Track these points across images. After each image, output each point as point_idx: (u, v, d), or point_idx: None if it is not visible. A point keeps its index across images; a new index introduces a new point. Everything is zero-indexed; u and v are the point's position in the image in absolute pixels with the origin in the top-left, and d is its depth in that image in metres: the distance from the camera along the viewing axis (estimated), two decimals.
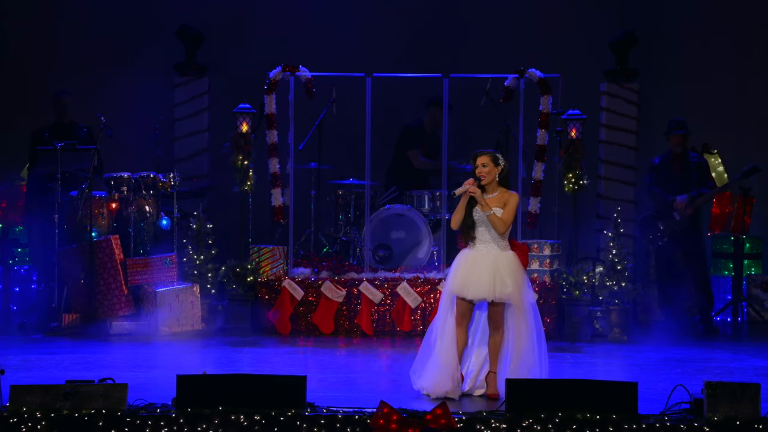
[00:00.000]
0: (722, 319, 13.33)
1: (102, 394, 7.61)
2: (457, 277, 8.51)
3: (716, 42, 14.32)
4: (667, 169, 12.52)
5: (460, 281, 8.49)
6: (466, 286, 8.45)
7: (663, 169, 12.53)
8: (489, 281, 8.42)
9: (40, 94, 13.53)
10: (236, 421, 7.52)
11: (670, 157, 12.54)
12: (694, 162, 12.52)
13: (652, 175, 12.60)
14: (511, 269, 8.49)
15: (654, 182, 12.56)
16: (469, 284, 8.44)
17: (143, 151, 13.22)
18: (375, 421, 7.51)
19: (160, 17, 14.34)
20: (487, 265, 8.47)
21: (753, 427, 7.54)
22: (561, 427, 7.53)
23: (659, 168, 12.56)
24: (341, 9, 14.42)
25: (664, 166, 12.54)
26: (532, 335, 8.50)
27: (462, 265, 8.53)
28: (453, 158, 12.64)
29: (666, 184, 12.46)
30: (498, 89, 12.22)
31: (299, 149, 12.45)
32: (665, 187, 12.46)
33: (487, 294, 8.43)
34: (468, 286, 8.44)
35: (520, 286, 8.48)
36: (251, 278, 11.80)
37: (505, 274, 8.45)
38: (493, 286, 8.41)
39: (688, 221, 12.36)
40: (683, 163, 12.49)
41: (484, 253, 8.52)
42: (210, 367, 9.58)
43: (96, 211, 12.03)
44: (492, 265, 8.46)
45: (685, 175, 12.46)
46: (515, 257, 8.56)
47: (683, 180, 12.44)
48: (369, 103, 12.00)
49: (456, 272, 8.54)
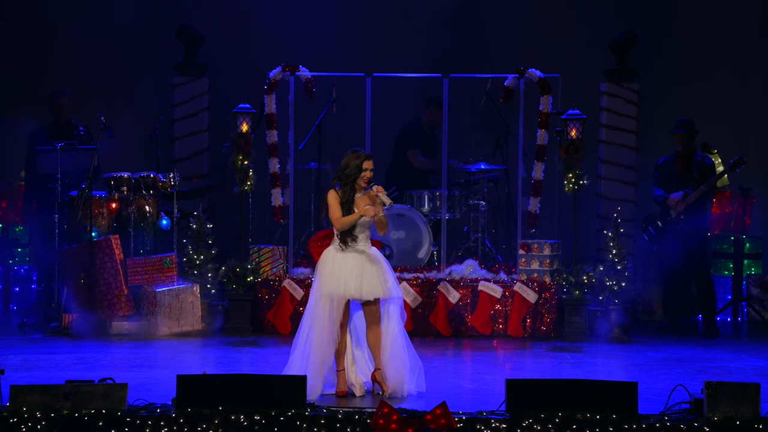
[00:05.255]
0: (722, 319, 13.33)
1: (102, 394, 7.62)
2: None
3: (716, 42, 14.32)
4: (672, 168, 12.52)
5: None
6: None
7: (667, 169, 12.53)
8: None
9: (39, 94, 13.52)
10: (236, 421, 7.53)
11: (675, 156, 12.55)
12: (698, 161, 12.52)
13: (656, 175, 12.61)
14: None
15: (656, 182, 12.57)
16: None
17: (143, 151, 13.22)
18: (375, 421, 7.51)
19: (160, 17, 14.34)
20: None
21: (753, 427, 7.54)
22: (561, 427, 7.53)
23: (662, 168, 12.56)
24: (341, 9, 14.41)
25: (668, 165, 12.55)
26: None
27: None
28: (453, 158, 12.64)
29: (669, 183, 12.47)
30: (498, 89, 12.23)
31: (299, 149, 12.46)
32: (668, 185, 12.47)
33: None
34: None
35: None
36: (251, 278, 11.80)
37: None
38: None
39: (690, 220, 12.35)
40: (687, 162, 12.48)
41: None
42: (210, 367, 9.60)
43: (96, 211, 12.03)
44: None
45: (688, 174, 12.46)
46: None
47: (685, 179, 12.44)
48: (369, 103, 12.00)
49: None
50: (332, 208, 8.55)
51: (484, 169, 12.77)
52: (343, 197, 8.54)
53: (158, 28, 14.24)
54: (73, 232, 12.08)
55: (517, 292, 11.69)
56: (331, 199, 8.57)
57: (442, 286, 11.73)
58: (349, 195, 8.54)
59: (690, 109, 13.68)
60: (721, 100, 14.23)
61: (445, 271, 11.99)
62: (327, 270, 8.55)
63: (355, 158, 8.56)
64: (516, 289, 11.69)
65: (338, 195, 8.55)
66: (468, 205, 12.66)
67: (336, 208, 8.54)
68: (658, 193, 12.48)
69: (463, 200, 12.61)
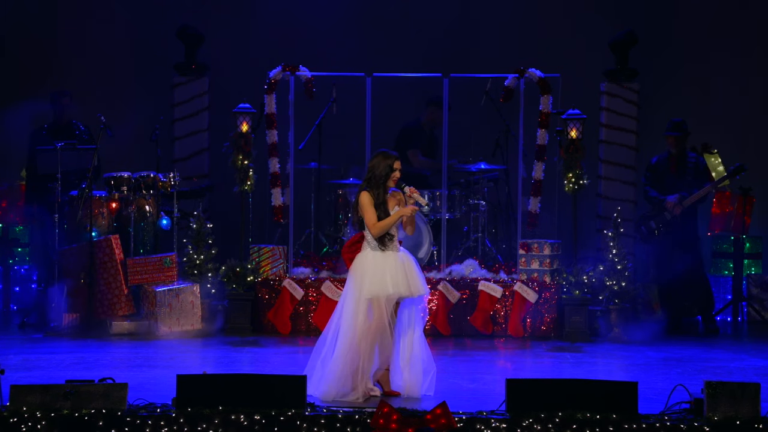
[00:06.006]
0: (722, 319, 13.33)
1: (102, 394, 7.62)
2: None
3: (716, 42, 14.32)
4: (664, 169, 12.53)
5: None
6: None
7: (659, 169, 12.54)
8: None
9: (40, 94, 13.52)
10: (236, 421, 7.53)
11: (667, 157, 12.55)
12: (692, 163, 12.53)
13: (648, 175, 12.62)
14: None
15: (649, 182, 12.58)
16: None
17: (143, 151, 13.22)
18: (375, 420, 7.51)
19: (160, 17, 14.34)
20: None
21: (753, 427, 7.54)
22: (561, 427, 7.53)
23: (655, 168, 12.57)
24: (341, 9, 14.41)
25: (661, 166, 12.55)
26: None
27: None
28: (453, 157, 12.63)
29: (662, 184, 12.47)
30: (498, 89, 12.23)
31: (299, 149, 12.46)
32: (661, 186, 12.47)
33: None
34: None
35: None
36: (251, 278, 11.80)
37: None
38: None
39: (681, 220, 12.36)
40: (680, 163, 12.50)
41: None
42: (210, 367, 9.60)
43: (96, 211, 12.04)
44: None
45: (681, 175, 12.47)
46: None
47: (679, 180, 12.44)
48: (369, 103, 12.00)
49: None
50: (368, 211, 8.45)
51: (484, 169, 12.77)
52: (377, 199, 8.49)
53: (158, 28, 14.24)
54: (73, 231, 12.08)
55: (517, 291, 11.69)
56: (366, 201, 8.47)
57: (442, 285, 11.73)
58: (382, 196, 8.50)
59: (689, 109, 13.69)
60: (720, 100, 14.24)
61: (445, 271, 11.99)
62: (369, 272, 8.42)
63: (385, 159, 8.51)
64: (516, 289, 11.70)
65: (372, 197, 8.50)
66: (468, 204, 12.66)
67: (371, 211, 8.45)
68: (652, 194, 12.48)
69: (463, 200, 12.61)
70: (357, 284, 8.45)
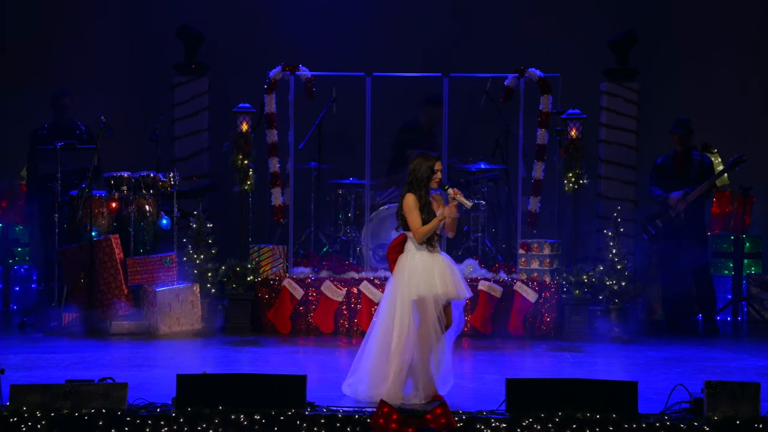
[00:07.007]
0: (722, 319, 13.33)
1: (102, 394, 7.62)
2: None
3: (716, 42, 14.32)
4: (670, 168, 12.53)
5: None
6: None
7: (665, 169, 12.54)
8: None
9: (40, 94, 13.52)
10: (236, 421, 7.53)
11: (672, 156, 12.55)
12: (696, 161, 12.53)
13: (654, 176, 12.61)
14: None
15: (654, 182, 12.57)
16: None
17: (143, 151, 13.22)
18: (375, 420, 7.52)
19: (161, 17, 14.34)
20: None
21: (753, 426, 7.55)
22: (561, 426, 7.53)
23: (661, 167, 12.57)
24: (341, 9, 14.41)
25: (666, 165, 12.55)
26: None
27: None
28: (452, 157, 12.63)
29: (667, 183, 12.47)
30: (498, 89, 12.23)
31: (299, 149, 12.46)
32: (666, 185, 12.47)
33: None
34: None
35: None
36: (251, 278, 11.80)
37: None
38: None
39: (689, 218, 12.36)
40: (685, 161, 12.50)
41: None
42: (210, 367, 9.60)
43: (96, 211, 12.04)
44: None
45: (686, 173, 12.47)
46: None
47: (683, 178, 12.44)
48: (369, 103, 12.01)
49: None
50: (412, 215, 8.36)
51: (484, 168, 12.77)
52: (421, 201, 8.42)
53: (158, 28, 14.24)
54: (73, 231, 12.08)
55: (517, 291, 11.69)
56: (410, 204, 8.37)
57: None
58: (425, 198, 8.43)
59: (690, 108, 13.68)
60: (720, 100, 14.23)
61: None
62: (417, 273, 8.32)
63: (426, 160, 8.43)
64: (516, 289, 11.70)
65: (417, 199, 8.42)
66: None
67: (416, 214, 8.35)
68: (657, 192, 12.48)
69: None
70: (401, 285, 8.34)
